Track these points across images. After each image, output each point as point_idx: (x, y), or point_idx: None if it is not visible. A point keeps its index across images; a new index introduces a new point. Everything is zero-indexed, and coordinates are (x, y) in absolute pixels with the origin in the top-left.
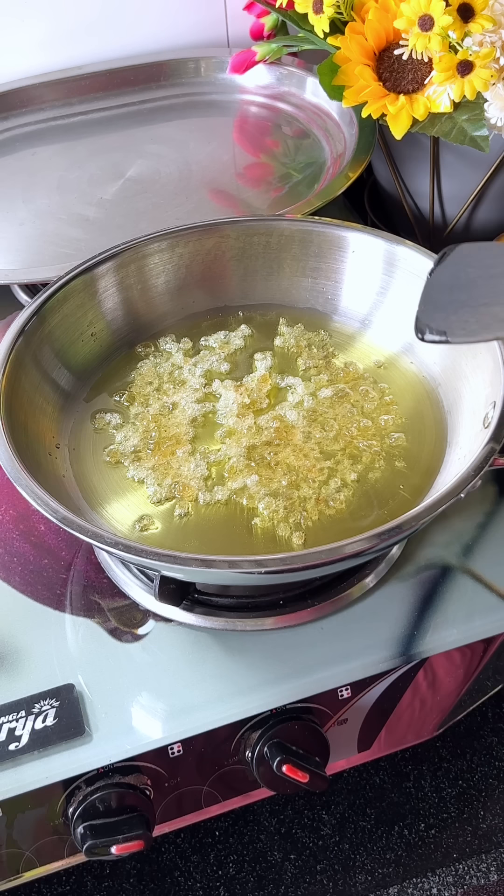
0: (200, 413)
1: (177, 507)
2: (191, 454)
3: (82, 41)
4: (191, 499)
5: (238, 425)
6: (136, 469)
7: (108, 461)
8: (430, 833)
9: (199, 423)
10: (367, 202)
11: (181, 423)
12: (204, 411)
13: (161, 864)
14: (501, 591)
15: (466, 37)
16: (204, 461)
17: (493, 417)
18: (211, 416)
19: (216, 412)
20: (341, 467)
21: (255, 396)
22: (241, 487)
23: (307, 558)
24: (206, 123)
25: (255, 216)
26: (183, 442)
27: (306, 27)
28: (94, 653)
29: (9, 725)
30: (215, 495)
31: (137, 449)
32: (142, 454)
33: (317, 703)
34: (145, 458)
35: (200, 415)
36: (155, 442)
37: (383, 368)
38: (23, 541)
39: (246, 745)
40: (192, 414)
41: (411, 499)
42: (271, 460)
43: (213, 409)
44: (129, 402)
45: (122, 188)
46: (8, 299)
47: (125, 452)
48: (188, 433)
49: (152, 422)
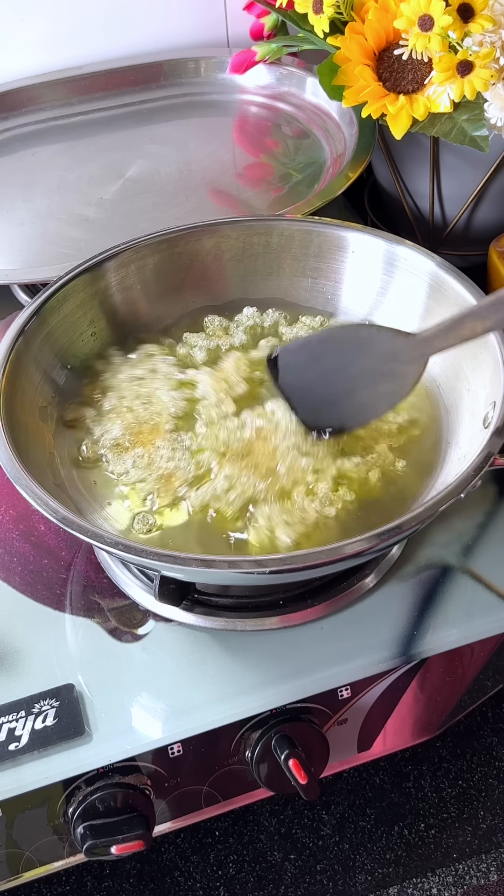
0: (179, 401)
1: (157, 501)
2: (172, 445)
3: (82, 41)
4: (173, 493)
5: (218, 413)
6: (117, 463)
7: (87, 459)
8: (430, 833)
9: (178, 412)
10: (367, 202)
11: (161, 413)
12: (182, 400)
13: (161, 864)
14: (501, 591)
15: (466, 37)
16: (187, 452)
17: (493, 417)
18: (190, 405)
19: (195, 400)
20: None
21: (233, 380)
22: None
23: (307, 558)
24: (206, 123)
25: (255, 216)
26: (162, 432)
27: (306, 27)
28: (94, 653)
29: (9, 725)
30: (199, 489)
31: (117, 442)
32: (120, 447)
33: (317, 703)
34: (125, 452)
35: (179, 403)
36: (135, 434)
37: None
38: (23, 541)
39: (246, 745)
40: (170, 403)
41: (411, 499)
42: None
43: (192, 396)
44: (101, 394)
45: (122, 188)
46: (8, 299)
47: (105, 446)
48: (167, 423)
49: (129, 413)
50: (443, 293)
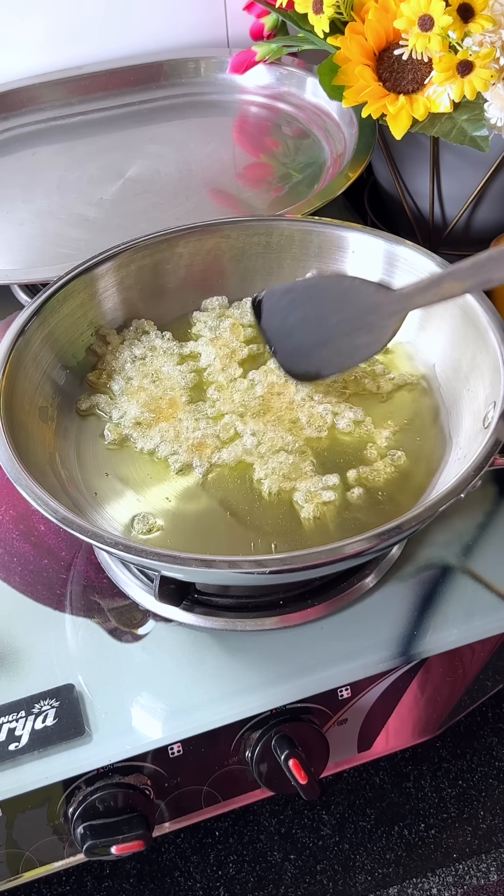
0: (187, 373)
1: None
2: (194, 416)
3: (82, 41)
4: (207, 457)
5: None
6: (145, 440)
7: (112, 441)
8: (430, 833)
9: (188, 384)
10: (367, 202)
11: (174, 388)
12: (190, 372)
13: (161, 864)
14: (501, 591)
15: (466, 37)
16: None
17: (493, 417)
18: (198, 375)
19: (201, 370)
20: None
21: (233, 346)
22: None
23: (307, 558)
24: (206, 123)
25: (255, 216)
26: (180, 405)
27: (306, 27)
28: (94, 653)
29: (9, 725)
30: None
31: (138, 420)
32: (143, 425)
33: (317, 703)
34: (149, 428)
35: (188, 376)
36: (154, 410)
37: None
38: (23, 541)
39: (246, 745)
40: (179, 376)
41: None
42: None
43: (198, 367)
44: (108, 379)
45: (122, 188)
46: (8, 299)
47: (127, 426)
48: (182, 396)
49: (141, 392)
50: None
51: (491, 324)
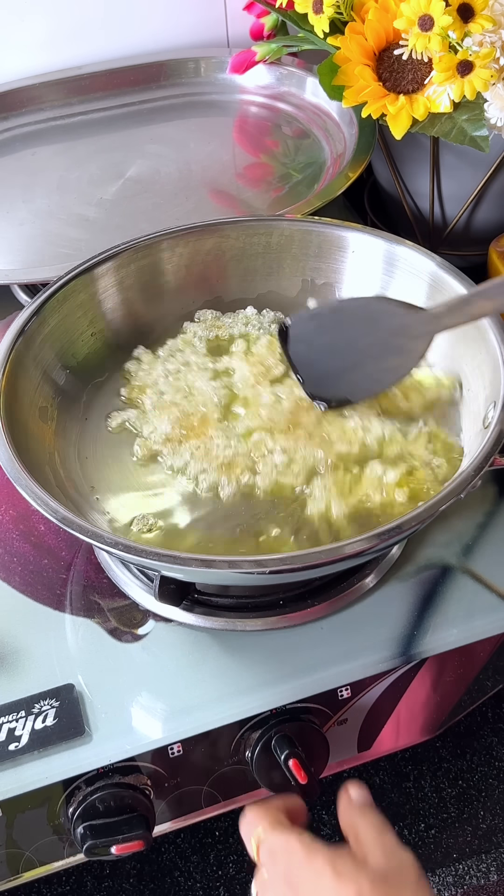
0: (220, 389)
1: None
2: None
3: (82, 41)
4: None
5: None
6: (174, 458)
7: (141, 458)
8: (430, 833)
9: (221, 400)
10: (367, 202)
11: (206, 403)
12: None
13: (161, 864)
14: (501, 591)
15: (466, 37)
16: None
17: (493, 417)
18: (231, 393)
19: (233, 386)
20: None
21: (269, 363)
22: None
23: (307, 558)
24: (206, 123)
25: (255, 216)
26: (212, 422)
27: (306, 27)
28: (94, 653)
29: (9, 725)
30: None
31: (169, 437)
32: (174, 441)
33: (317, 703)
34: (180, 445)
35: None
36: (185, 426)
37: None
38: (23, 541)
39: (246, 745)
40: (212, 392)
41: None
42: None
43: (231, 383)
44: (140, 394)
45: (122, 188)
46: (8, 299)
47: (158, 441)
48: (214, 413)
49: (173, 407)
50: (443, 293)
51: (491, 324)
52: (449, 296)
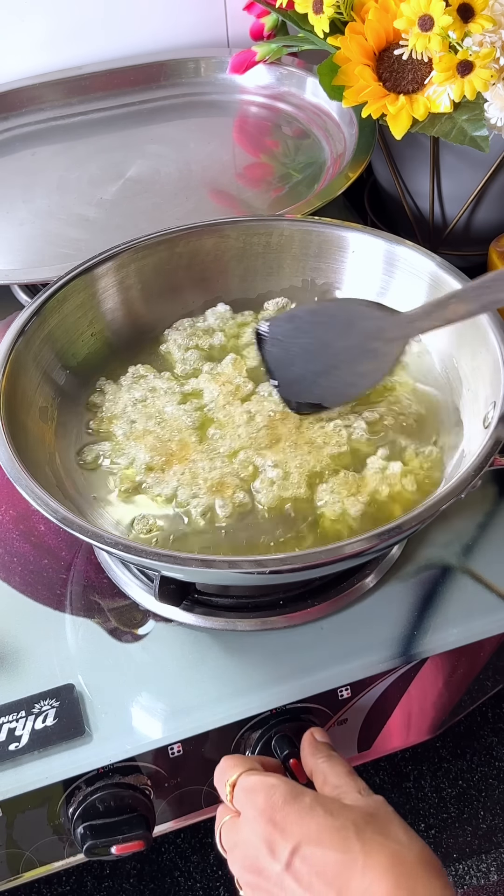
0: (192, 412)
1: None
2: (208, 455)
3: (82, 41)
4: (230, 497)
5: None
6: (161, 486)
7: (125, 490)
8: (430, 833)
9: (195, 423)
10: (367, 202)
11: (180, 428)
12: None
13: (161, 864)
14: (501, 591)
15: (466, 37)
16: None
17: (493, 417)
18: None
19: (204, 408)
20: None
21: (237, 381)
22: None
23: (307, 558)
24: (206, 123)
25: (255, 216)
26: (191, 445)
27: (306, 27)
28: (94, 653)
29: (9, 725)
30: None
31: (150, 466)
32: (156, 469)
33: (317, 703)
34: (163, 472)
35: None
36: (164, 453)
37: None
38: (23, 541)
39: (246, 745)
40: (185, 416)
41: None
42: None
43: (201, 405)
44: (108, 425)
45: (122, 188)
46: (8, 299)
47: (140, 471)
48: (191, 436)
49: (148, 435)
50: (443, 293)
51: (491, 324)
52: None
